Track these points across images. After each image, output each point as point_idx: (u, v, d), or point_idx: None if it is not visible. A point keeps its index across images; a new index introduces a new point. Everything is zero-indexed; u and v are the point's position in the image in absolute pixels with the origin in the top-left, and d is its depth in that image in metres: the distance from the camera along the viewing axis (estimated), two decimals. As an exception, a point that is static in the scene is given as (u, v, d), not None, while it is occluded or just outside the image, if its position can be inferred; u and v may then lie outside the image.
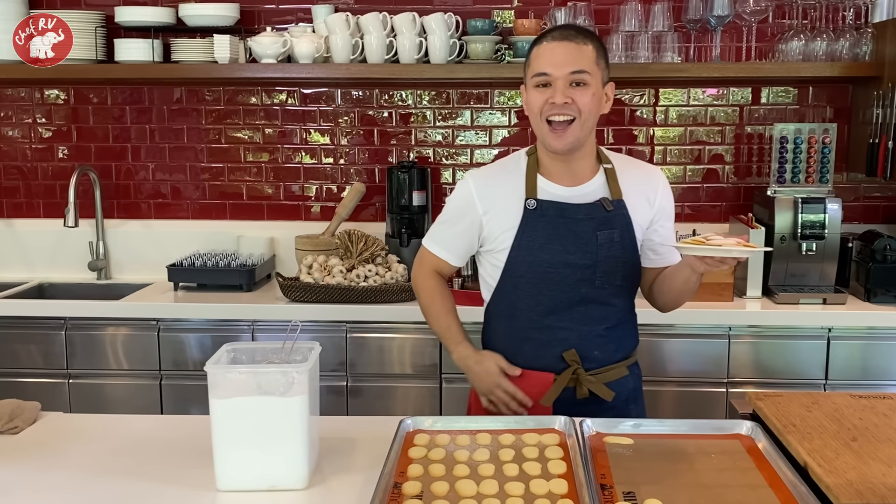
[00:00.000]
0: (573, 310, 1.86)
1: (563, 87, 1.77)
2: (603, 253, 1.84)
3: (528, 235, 1.84)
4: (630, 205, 1.89)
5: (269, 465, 1.49)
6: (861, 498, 1.30)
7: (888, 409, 1.68)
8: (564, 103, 1.77)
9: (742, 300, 2.96)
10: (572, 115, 1.78)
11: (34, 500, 1.48)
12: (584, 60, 1.78)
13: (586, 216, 1.85)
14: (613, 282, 1.88)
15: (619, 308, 1.92)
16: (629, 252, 1.89)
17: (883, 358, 2.81)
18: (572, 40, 1.79)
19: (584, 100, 1.78)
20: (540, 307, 1.86)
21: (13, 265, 3.49)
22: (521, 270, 1.85)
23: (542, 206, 1.85)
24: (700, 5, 3.05)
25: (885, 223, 3.31)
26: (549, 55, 1.79)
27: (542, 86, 1.80)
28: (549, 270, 1.84)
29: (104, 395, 2.96)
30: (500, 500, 1.38)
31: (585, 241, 1.84)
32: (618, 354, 1.93)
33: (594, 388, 1.87)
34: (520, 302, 1.88)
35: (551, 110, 1.79)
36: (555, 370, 1.87)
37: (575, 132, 1.80)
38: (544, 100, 1.79)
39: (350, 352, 2.89)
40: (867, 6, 3.12)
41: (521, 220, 1.85)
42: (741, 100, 3.34)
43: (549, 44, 1.80)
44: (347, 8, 3.28)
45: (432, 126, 3.40)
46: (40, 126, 3.48)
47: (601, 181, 1.90)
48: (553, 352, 1.87)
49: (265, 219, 3.48)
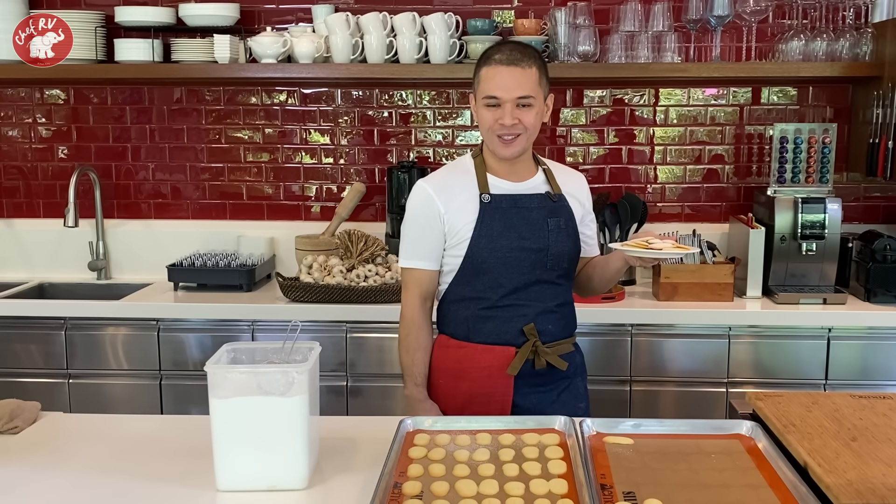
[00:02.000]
0: (529, 289, 2.04)
1: (511, 108, 1.97)
2: (553, 238, 2.04)
3: (487, 226, 2.01)
4: (567, 200, 2.12)
5: (269, 465, 1.49)
6: (861, 498, 1.30)
7: (888, 409, 1.68)
8: (513, 124, 1.98)
9: (742, 300, 2.96)
10: (520, 132, 2.00)
11: (34, 500, 1.48)
12: (529, 84, 1.98)
13: (538, 205, 2.06)
14: (561, 265, 2.07)
15: (565, 288, 2.13)
16: (573, 239, 2.09)
17: (883, 358, 2.81)
18: (518, 65, 1.97)
19: (528, 119, 2.00)
20: (501, 289, 2.03)
21: (13, 265, 3.49)
22: (483, 257, 2.02)
23: (496, 199, 2.04)
24: (700, 5, 3.06)
25: (885, 223, 3.31)
26: (498, 79, 1.97)
27: (492, 106, 1.99)
28: (507, 255, 2.01)
29: (104, 395, 2.96)
30: (500, 500, 1.38)
31: (538, 228, 2.04)
32: (567, 330, 2.12)
33: (551, 360, 2.04)
34: (482, 285, 2.04)
35: (501, 129, 1.99)
36: (515, 344, 2.03)
37: (521, 143, 2.02)
38: (494, 119, 1.99)
39: (350, 352, 2.89)
40: (867, 6, 3.12)
41: (478, 213, 2.02)
42: (741, 100, 3.34)
43: (497, 68, 1.98)
44: (347, 8, 3.28)
45: (432, 126, 3.40)
46: (40, 126, 3.48)
47: (542, 179, 2.12)
48: (514, 327, 2.03)
49: (265, 219, 3.48)
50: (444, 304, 2.14)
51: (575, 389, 2.12)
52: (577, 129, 3.36)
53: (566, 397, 2.09)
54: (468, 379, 2.04)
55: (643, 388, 2.85)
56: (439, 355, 2.11)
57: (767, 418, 1.64)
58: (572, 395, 2.10)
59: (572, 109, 3.35)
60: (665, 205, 3.40)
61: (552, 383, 2.07)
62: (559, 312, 2.09)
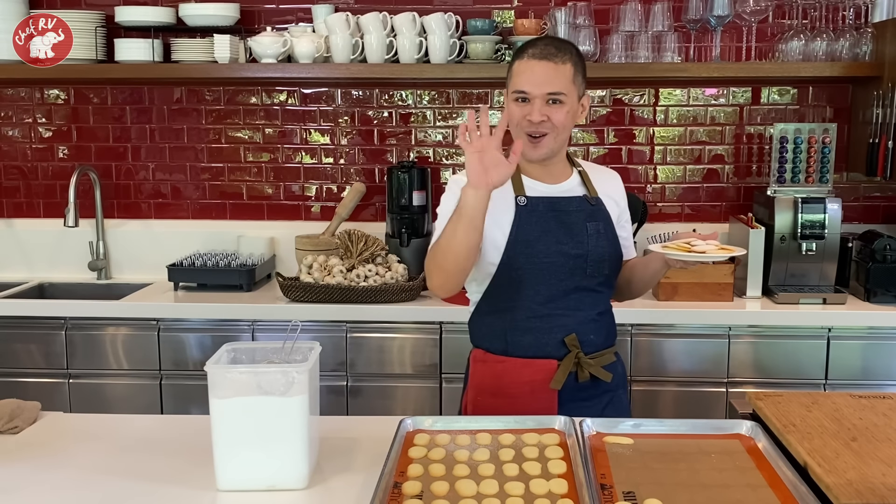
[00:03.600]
0: (569, 297, 1.95)
1: (540, 105, 1.88)
2: (592, 243, 1.95)
3: (523, 230, 1.92)
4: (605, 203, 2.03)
5: (269, 465, 1.49)
6: (861, 498, 1.30)
7: (888, 409, 1.68)
8: (541, 121, 1.89)
9: (742, 300, 2.96)
10: (547, 131, 1.91)
11: (34, 500, 1.48)
12: (561, 81, 1.89)
13: (576, 208, 1.97)
14: (602, 271, 1.97)
15: (605, 296, 2.04)
16: (613, 244, 2.00)
17: (883, 358, 2.81)
18: (551, 59, 1.88)
19: (558, 117, 1.90)
20: (539, 297, 1.93)
21: (13, 265, 3.49)
22: (519, 263, 1.91)
23: (532, 201, 1.95)
24: (700, 5, 3.06)
25: (885, 223, 3.31)
26: (529, 74, 1.89)
27: (521, 100, 1.91)
28: (545, 261, 1.92)
29: (104, 395, 2.96)
30: (500, 499, 1.38)
31: (577, 232, 1.94)
32: (609, 339, 2.03)
33: (594, 371, 1.95)
34: (518, 294, 1.94)
35: (528, 126, 1.90)
36: (556, 356, 1.93)
37: (549, 144, 1.92)
38: (522, 115, 1.90)
39: (350, 352, 2.89)
40: (867, 6, 3.12)
41: (514, 216, 1.92)
42: (741, 100, 3.34)
43: (529, 62, 1.90)
44: (347, 8, 3.28)
45: (432, 126, 3.40)
46: (40, 126, 3.48)
47: (578, 181, 2.03)
48: (554, 338, 1.93)
49: (265, 219, 3.48)
50: (477, 316, 2.02)
51: (619, 403, 2.02)
52: (576, 129, 3.36)
53: (610, 412, 1.96)
54: (508, 396, 1.92)
55: (643, 388, 2.85)
56: (476, 371, 1.99)
57: (767, 418, 1.64)
58: (616, 410, 1.98)
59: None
60: (665, 205, 3.40)
61: (596, 397, 1.96)
62: (600, 321, 2.00)
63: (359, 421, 1.97)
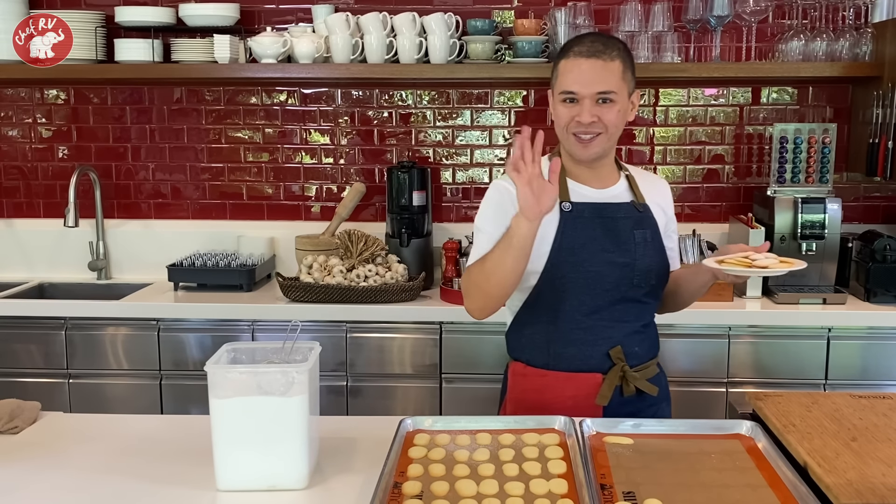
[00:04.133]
0: (614, 308, 1.87)
1: (590, 105, 1.80)
2: (640, 252, 1.87)
3: (569, 237, 1.84)
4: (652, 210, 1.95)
5: (269, 465, 1.49)
6: (861, 498, 1.30)
7: (888, 409, 1.68)
8: (591, 122, 1.81)
9: (742, 300, 2.96)
10: (599, 131, 1.83)
11: (34, 500, 1.48)
12: (612, 79, 1.80)
13: (624, 215, 1.89)
14: (649, 281, 1.90)
15: (651, 307, 1.96)
16: (660, 254, 1.92)
17: (883, 358, 2.81)
18: (599, 57, 1.80)
19: (609, 116, 1.82)
20: (584, 307, 1.86)
21: (13, 265, 3.49)
22: (564, 271, 1.84)
23: (578, 207, 1.87)
24: (700, 5, 3.06)
25: (885, 223, 3.31)
26: (577, 73, 1.80)
27: (569, 101, 1.83)
28: (591, 270, 1.84)
29: (104, 395, 2.96)
30: (500, 499, 1.38)
31: (624, 240, 1.87)
32: (652, 351, 1.97)
33: (640, 385, 1.89)
34: (562, 304, 1.86)
35: (577, 127, 1.82)
36: (601, 370, 1.87)
37: (601, 144, 1.84)
38: (571, 116, 1.82)
39: (350, 352, 2.89)
40: (867, 6, 3.12)
41: (558, 222, 1.85)
42: (741, 100, 3.34)
43: (577, 60, 1.81)
44: (347, 8, 3.28)
45: (432, 126, 3.40)
46: (40, 126, 3.48)
47: (625, 186, 1.95)
48: (599, 351, 1.87)
49: (265, 219, 3.48)
50: (517, 326, 1.94)
51: (663, 416, 1.95)
52: (577, 129, 3.36)
53: None
54: (551, 411, 1.80)
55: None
56: (516, 385, 1.92)
57: (767, 418, 1.64)
58: None
59: (572, 109, 3.35)
60: (665, 205, 3.39)
61: (641, 411, 1.88)
62: (645, 333, 1.93)
63: (359, 421, 1.97)
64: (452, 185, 3.42)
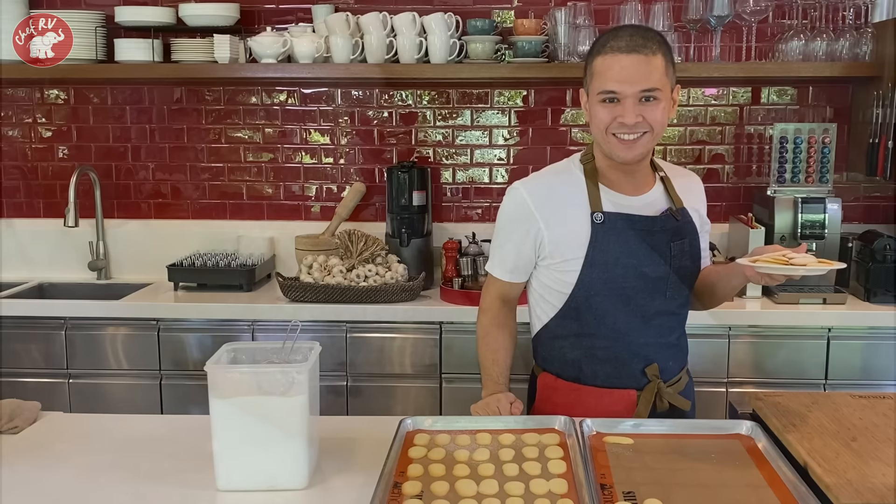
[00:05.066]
0: (649, 323, 1.81)
1: (633, 104, 1.68)
2: (676, 264, 1.80)
3: (601, 250, 1.76)
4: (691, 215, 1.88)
5: (269, 465, 1.49)
6: (861, 498, 1.30)
7: (888, 409, 1.68)
8: (636, 122, 1.69)
9: (742, 300, 2.96)
10: (644, 130, 1.71)
11: (34, 500, 1.48)
12: (655, 76, 1.68)
13: (661, 228, 1.79)
14: (683, 292, 1.84)
15: (684, 317, 1.90)
16: (696, 260, 1.86)
17: (883, 358, 2.81)
18: (640, 51, 1.66)
19: (654, 115, 1.70)
20: (618, 324, 1.79)
21: (13, 265, 3.49)
22: (597, 287, 1.77)
23: (611, 218, 1.76)
24: (700, 5, 3.06)
25: (885, 223, 3.31)
26: (617, 70, 1.67)
27: (609, 101, 1.71)
28: (624, 286, 1.77)
29: (104, 395, 2.96)
30: (500, 499, 1.38)
31: (659, 253, 1.79)
32: (682, 362, 1.92)
33: (673, 400, 1.84)
34: (595, 320, 1.80)
35: (620, 129, 1.71)
36: (635, 386, 1.82)
37: (645, 144, 1.73)
38: (612, 117, 1.71)
39: (350, 352, 2.89)
40: (867, 6, 3.11)
41: (590, 234, 1.76)
42: (741, 100, 3.34)
43: (616, 56, 1.67)
44: (347, 8, 3.28)
45: (432, 126, 3.40)
46: (40, 126, 3.48)
47: (661, 190, 1.86)
48: (634, 368, 1.81)
49: (265, 219, 3.48)
50: (546, 336, 1.88)
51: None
52: (577, 129, 3.36)
53: None
54: None
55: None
56: (545, 398, 1.87)
57: (767, 418, 1.64)
58: None
59: (572, 109, 3.35)
60: (665, 205, 3.39)
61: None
62: (678, 345, 1.87)
63: (359, 421, 1.97)
64: (452, 184, 3.42)
